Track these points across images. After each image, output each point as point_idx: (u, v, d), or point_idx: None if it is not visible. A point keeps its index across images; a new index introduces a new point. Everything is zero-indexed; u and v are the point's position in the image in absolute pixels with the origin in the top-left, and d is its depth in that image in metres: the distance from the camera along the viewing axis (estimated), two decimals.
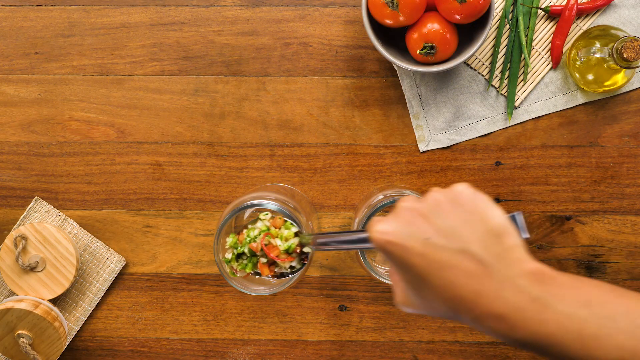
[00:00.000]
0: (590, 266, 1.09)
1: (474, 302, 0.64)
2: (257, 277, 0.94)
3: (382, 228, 0.68)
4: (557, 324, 0.61)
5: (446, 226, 0.66)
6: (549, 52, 1.07)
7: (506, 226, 0.66)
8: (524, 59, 1.07)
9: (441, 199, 0.68)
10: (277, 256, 0.91)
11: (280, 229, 0.93)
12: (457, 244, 0.65)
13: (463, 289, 0.64)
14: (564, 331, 0.61)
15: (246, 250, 0.92)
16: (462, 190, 0.68)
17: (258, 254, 0.92)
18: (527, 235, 0.71)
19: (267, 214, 0.94)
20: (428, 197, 0.69)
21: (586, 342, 0.61)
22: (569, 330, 0.61)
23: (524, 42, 1.06)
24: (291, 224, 0.93)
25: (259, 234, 0.92)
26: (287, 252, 0.91)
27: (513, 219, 0.70)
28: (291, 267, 0.93)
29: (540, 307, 0.62)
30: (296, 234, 0.92)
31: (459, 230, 0.66)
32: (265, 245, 0.91)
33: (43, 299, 1.06)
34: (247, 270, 0.93)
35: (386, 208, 1.03)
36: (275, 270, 0.93)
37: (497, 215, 0.67)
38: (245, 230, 0.94)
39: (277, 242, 0.91)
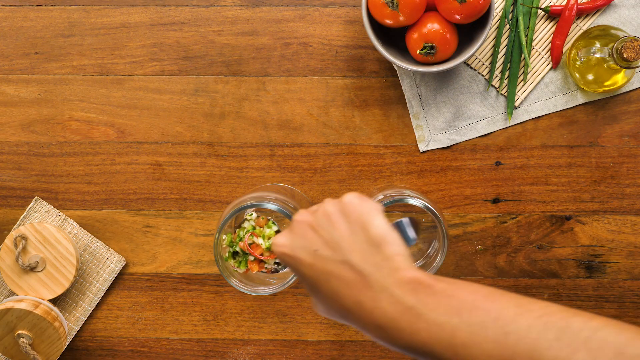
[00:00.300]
0: (590, 266, 1.09)
1: (356, 312, 0.66)
2: (254, 274, 0.98)
3: (278, 241, 0.72)
4: (429, 333, 0.62)
5: (332, 237, 0.69)
6: (549, 52, 1.07)
7: (385, 235, 0.68)
8: (524, 59, 1.07)
9: (330, 211, 0.70)
10: (260, 254, 0.95)
11: (263, 227, 0.97)
12: (340, 255, 0.68)
13: (346, 299, 0.67)
14: (435, 340, 0.62)
15: (239, 249, 0.96)
16: (350, 200, 0.70)
17: (246, 252, 0.95)
18: (415, 239, 0.73)
19: (251, 214, 0.97)
20: (319, 209, 0.71)
21: (457, 350, 0.61)
22: (441, 339, 0.61)
23: (524, 42, 1.06)
24: (273, 222, 0.97)
25: (246, 234, 0.96)
26: (270, 250, 0.95)
27: (398, 225, 0.72)
28: (277, 264, 0.97)
29: (414, 316, 0.63)
30: (278, 232, 0.96)
31: (343, 241, 0.68)
32: (250, 244, 0.95)
33: (43, 299, 1.06)
34: (242, 268, 0.97)
35: (386, 208, 1.03)
36: (266, 266, 0.97)
37: (377, 224, 0.68)
38: (237, 230, 0.97)
39: (259, 241, 0.95)
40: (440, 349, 0.61)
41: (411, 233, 0.72)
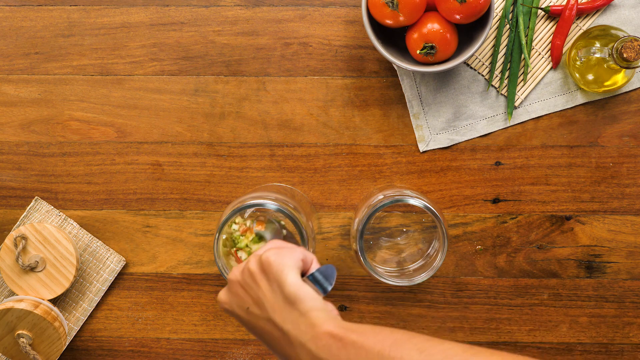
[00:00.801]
0: (590, 266, 1.09)
1: None
2: None
3: (220, 298, 0.80)
4: None
5: (257, 297, 0.75)
6: (549, 52, 1.08)
7: (297, 293, 0.73)
8: (524, 59, 1.07)
9: (253, 270, 0.76)
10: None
11: (245, 235, 0.98)
12: (265, 313, 0.74)
13: (278, 352, 0.74)
14: None
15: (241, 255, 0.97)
16: (266, 257, 0.75)
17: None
18: (330, 287, 0.77)
19: (239, 221, 0.98)
20: (245, 268, 0.77)
21: None
22: None
23: (524, 42, 1.06)
24: (259, 238, 0.97)
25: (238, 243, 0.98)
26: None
27: (312, 278, 0.76)
28: None
29: None
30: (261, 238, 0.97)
31: (266, 300, 0.74)
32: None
33: (43, 299, 1.06)
34: None
35: (386, 208, 1.03)
36: None
37: (289, 282, 0.73)
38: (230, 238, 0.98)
39: (242, 255, 0.96)
40: None
41: (324, 284, 0.76)
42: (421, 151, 1.09)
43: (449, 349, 0.65)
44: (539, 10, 1.07)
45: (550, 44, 1.07)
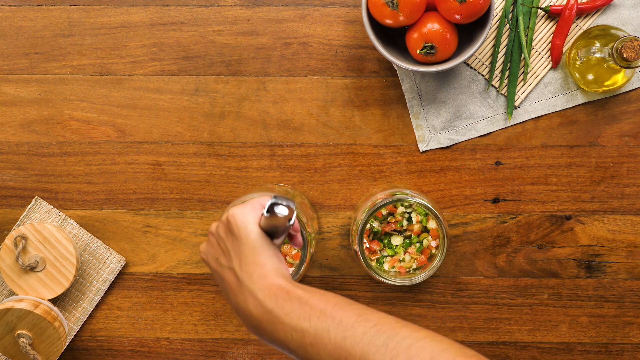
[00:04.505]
0: (590, 266, 1.09)
1: (237, 311, 0.78)
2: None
3: (201, 248, 0.85)
4: (285, 333, 0.73)
5: (225, 247, 0.81)
6: (549, 52, 1.08)
7: (258, 245, 0.78)
8: (524, 58, 1.07)
9: (224, 223, 0.81)
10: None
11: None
12: (228, 262, 0.80)
13: (231, 300, 0.79)
14: (290, 339, 0.73)
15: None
16: (232, 212, 0.80)
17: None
18: (292, 204, 0.78)
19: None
20: (219, 222, 0.83)
21: (307, 349, 0.72)
22: (294, 339, 0.73)
23: (524, 42, 1.06)
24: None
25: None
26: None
27: (271, 208, 0.77)
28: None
29: (273, 318, 0.74)
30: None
31: (231, 250, 0.80)
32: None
33: (43, 299, 1.06)
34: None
35: (386, 208, 1.03)
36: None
37: (252, 237, 0.78)
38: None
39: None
40: (294, 347, 0.73)
41: (282, 210, 0.77)
42: (421, 151, 1.09)
43: (383, 317, 0.71)
44: (539, 10, 1.07)
45: (550, 44, 1.07)
